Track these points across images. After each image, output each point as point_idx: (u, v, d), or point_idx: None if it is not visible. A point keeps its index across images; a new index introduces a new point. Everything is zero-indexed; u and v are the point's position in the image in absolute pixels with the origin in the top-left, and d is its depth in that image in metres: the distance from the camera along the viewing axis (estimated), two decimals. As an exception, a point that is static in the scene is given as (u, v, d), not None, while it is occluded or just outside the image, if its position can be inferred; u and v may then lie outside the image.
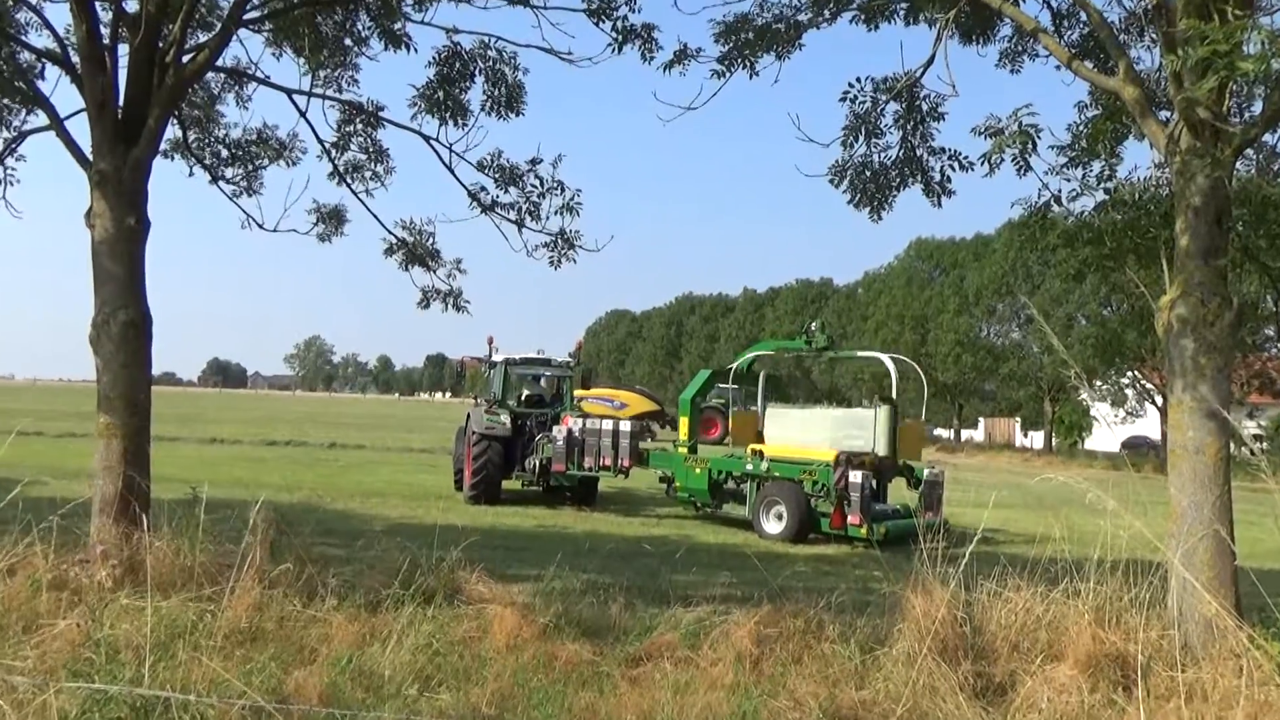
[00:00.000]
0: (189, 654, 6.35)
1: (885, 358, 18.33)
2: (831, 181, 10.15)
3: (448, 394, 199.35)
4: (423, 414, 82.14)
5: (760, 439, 17.53)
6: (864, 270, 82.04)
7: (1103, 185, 10.04)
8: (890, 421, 16.77)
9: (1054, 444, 58.25)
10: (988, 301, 56.04)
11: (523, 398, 20.89)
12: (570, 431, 18.47)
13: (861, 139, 9.94)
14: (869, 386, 59.56)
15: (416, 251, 11.50)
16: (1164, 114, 8.62)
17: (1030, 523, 17.32)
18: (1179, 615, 6.99)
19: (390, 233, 11.40)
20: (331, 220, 12.01)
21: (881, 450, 16.63)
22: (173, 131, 11.42)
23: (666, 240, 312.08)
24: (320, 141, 11.29)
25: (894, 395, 17.28)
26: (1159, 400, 49.20)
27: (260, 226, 11.39)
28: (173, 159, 11.77)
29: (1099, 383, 51.67)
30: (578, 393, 19.71)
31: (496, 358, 20.57)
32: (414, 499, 18.56)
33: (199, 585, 7.60)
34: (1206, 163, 7.21)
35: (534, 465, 19.09)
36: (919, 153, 10.04)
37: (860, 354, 25.33)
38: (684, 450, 18.12)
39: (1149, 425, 54.78)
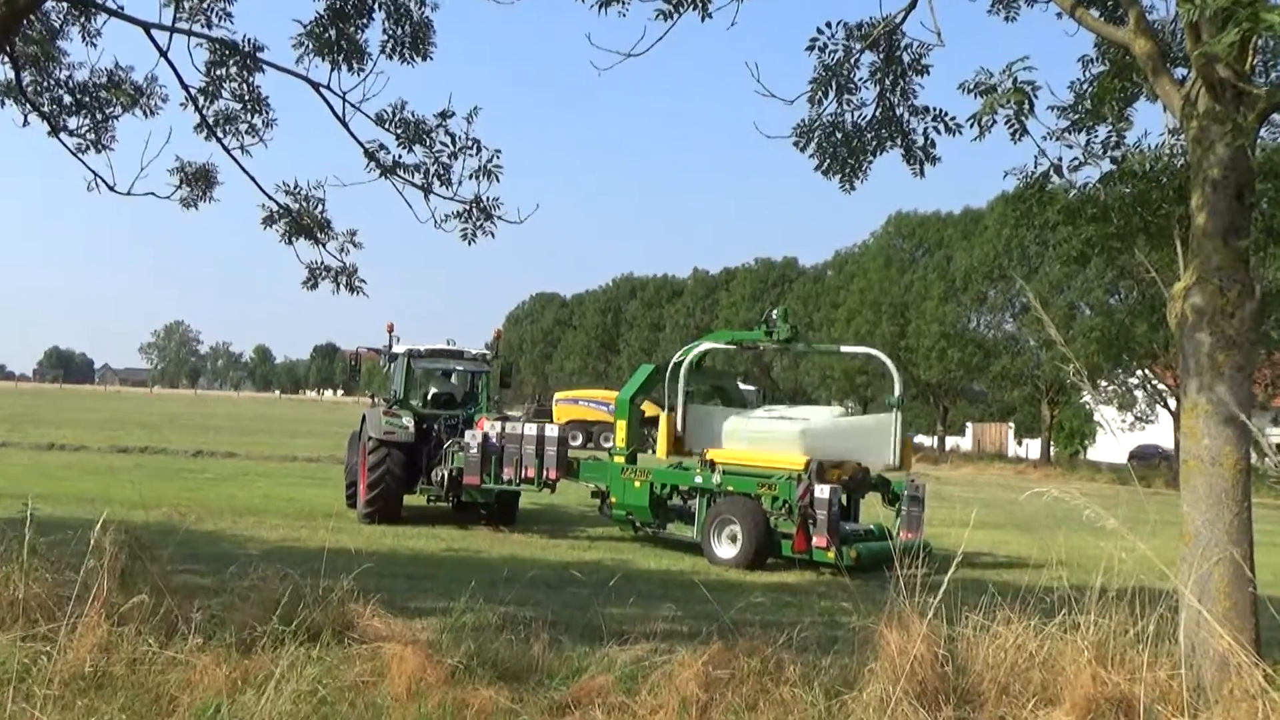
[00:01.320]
0: (18, 706, 6.24)
1: (880, 356, 18.60)
2: (796, 144, 10.20)
3: (339, 392, 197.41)
4: (309, 416, 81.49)
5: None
6: (834, 249, 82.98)
7: (1109, 153, 10.22)
8: (902, 430, 17.08)
9: (1052, 454, 59.36)
10: (977, 287, 56.80)
11: (429, 397, 20.86)
12: (486, 437, 18.45)
13: (832, 95, 10.00)
14: (840, 386, 60.20)
15: (302, 221, 11.42)
16: (1180, 72, 8.82)
17: (1023, 545, 17.84)
18: (1190, 652, 7.10)
19: (270, 198, 11.36)
20: (199, 182, 11.91)
21: (893, 463, 16.94)
22: (3, 72, 11.32)
23: (603, 212, 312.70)
24: (185, 87, 11.18)
25: (899, 399, 17.51)
26: (1172, 404, 50.40)
27: (111, 189, 11.31)
28: (3, 104, 11.57)
29: (1104, 383, 52.62)
30: (561, 395, 19.76)
31: (398, 349, 20.51)
32: (297, 518, 18.51)
33: (31, 622, 7.48)
34: (1227, 129, 7.35)
35: (442, 477, 19.07)
36: (899, 112, 10.14)
37: (832, 348, 25.52)
38: (621, 460, 18.15)
39: (1161, 432, 55.92)
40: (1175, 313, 7.61)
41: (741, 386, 21.07)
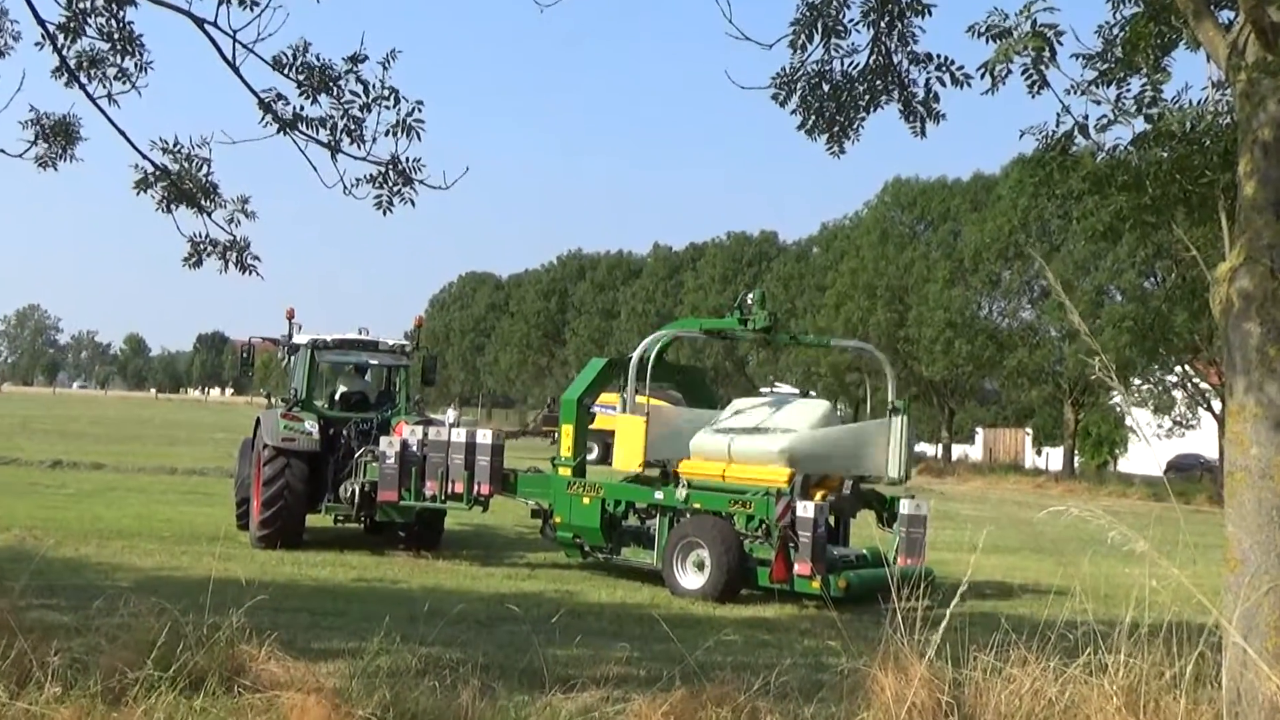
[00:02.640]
0: None
1: (873, 351, 18.71)
2: (776, 98, 10.23)
3: (228, 391, 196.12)
4: (192, 419, 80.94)
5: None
6: (820, 223, 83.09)
7: (1143, 111, 10.32)
8: (908, 437, 17.23)
9: (1077, 465, 59.77)
10: (989, 268, 56.79)
11: (337, 396, 20.86)
12: (405, 445, 18.38)
13: (818, 39, 10.04)
14: (828, 384, 60.38)
15: (183, 185, 11.28)
16: (1225, 15, 8.92)
17: (1042, 572, 18.05)
18: (1235, 698, 7.12)
19: (145, 157, 11.17)
20: (57, 138, 11.77)
21: (895, 475, 17.13)
22: None
23: (546, 178, 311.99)
24: (41, 23, 10.99)
25: (905, 403, 17.59)
26: (1217, 406, 50.94)
27: (-52, 145, 11.20)
28: None
29: (1137, 381, 53.12)
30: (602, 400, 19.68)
31: (299, 339, 20.45)
32: (177, 542, 18.45)
33: None
34: (1280, 83, 7.49)
35: (352, 493, 19.01)
36: (896, 60, 10.19)
37: (819, 340, 25.45)
38: (566, 472, 18.16)
39: (1203, 440, 56.74)
40: (1220, 298, 7.65)
41: (783, 389, 21.05)
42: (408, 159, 10.90)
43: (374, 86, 10.79)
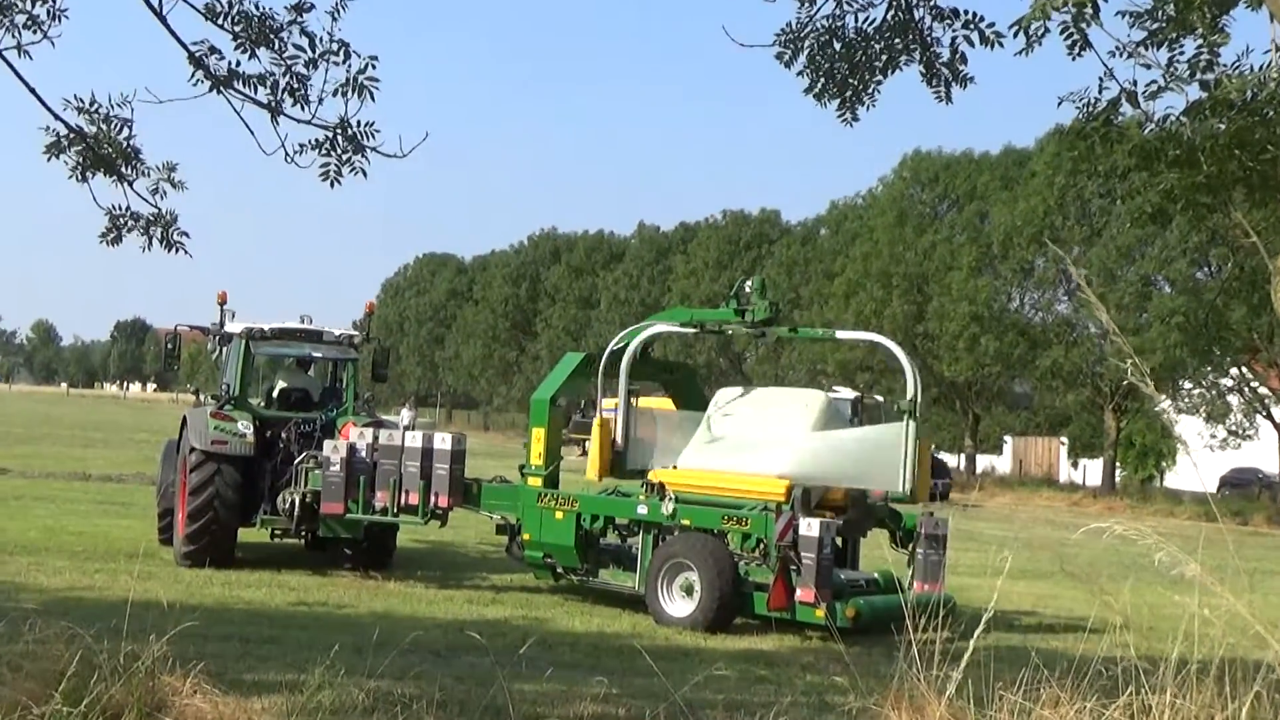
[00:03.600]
0: None
1: (887, 344, 18.57)
2: (780, 57, 10.24)
3: (150, 386, 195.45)
4: (108, 418, 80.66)
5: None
6: (829, 201, 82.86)
7: (1198, 77, 10.35)
8: (921, 446, 17.09)
9: (1118, 479, 59.92)
10: (1021, 254, 56.63)
11: (275, 394, 20.83)
12: (353, 450, 18.32)
13: (829, -10, 10.08)
14: (836, 384, 60.35)
15: (101, 150, 11.22)
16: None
17: (1077, 601, 18.07)
18: (1297, 744, 7.26)
19: (57, 118, 11.10)
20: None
21: (907, 488, 16.85)
22: None
23: (516, 147, 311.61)
24: (-62, -38, 11.15)
25: (917, 405, 17.42)
26: (1278, 414, 51.03)
27: None
28: None
29: (1187, 385, 53.21)
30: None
31: (232, 327, 20.33)
32: (91, 558, 18.42)
33: None
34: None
35: (292, 503, 18.95)
36: (918, 15, 10.20)
37: (826, 334, 25.35)
38: (537, 482, 18.12)
39: (1262, 452, 56.50)
40: (1282, 291, 7.73)
41: (836, 393, 20.91)
42: (359, 123, 10.71)
43: (321, 40, 10.68)
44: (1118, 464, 59.61)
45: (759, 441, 17.41)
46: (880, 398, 47.55)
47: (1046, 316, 58.74)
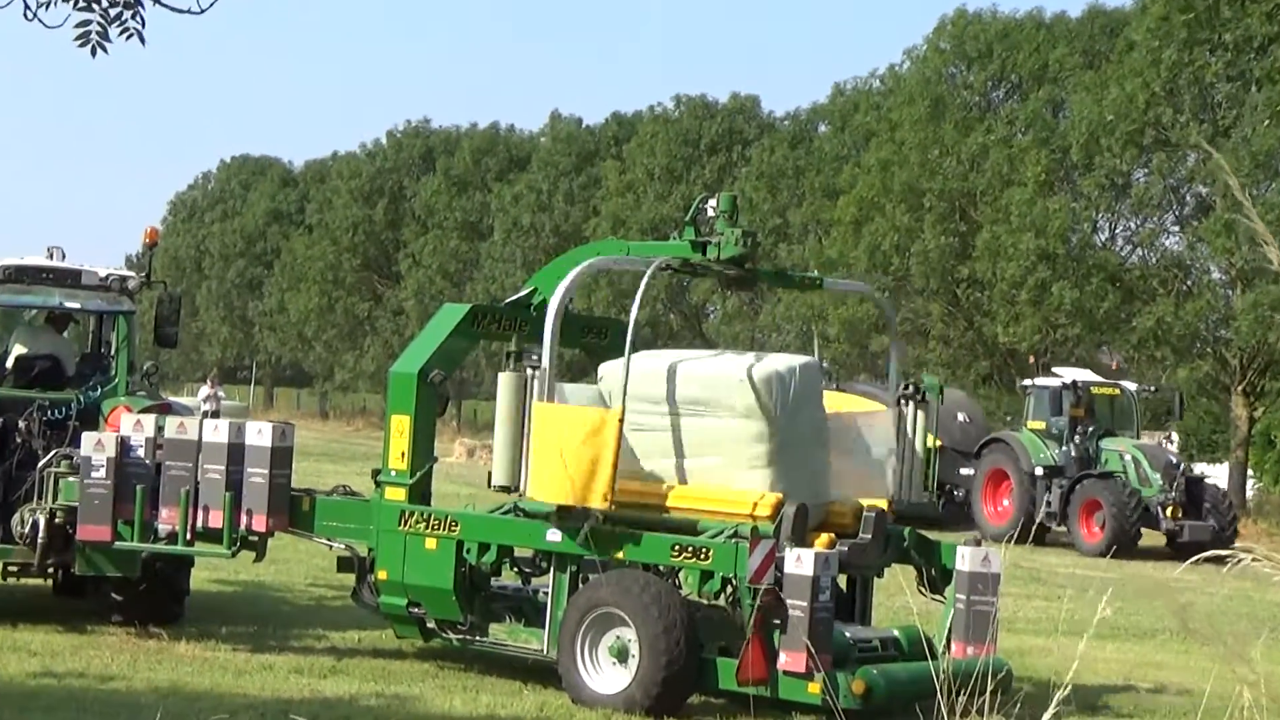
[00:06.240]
0: None
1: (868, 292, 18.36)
2: None
3: None
4: None
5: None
6: (832, 84, 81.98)
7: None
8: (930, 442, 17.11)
9: (1250, 491, 59.42)
10: (1111, 163, 54.64)
11: (9, 363, 20.68)
12: (127, 447, 18.10)
13: None
14: (839, 353, 60.16)
15: None
16: None
17: (1190, 670, 18.04)
18: None
19: None
20: None
21: (913, 495, 17.31)
22: None
23: (371, 12, 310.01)
24: None
25: (935, 382, 17.34)
26: None
27: None
28: None
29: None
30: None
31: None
32: None
33: None
34: None
35: (33, 525, 18.68)
36: None
37: (817, 279, 25.21)
38: (398, 495, 17.84)
39: None
40: None
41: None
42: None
43: None
44: (1250, 471, 59.23)
45: (720, 433, 17.18)
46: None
47: (1149, 255, 57.61)
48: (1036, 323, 54.36)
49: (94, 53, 10.71)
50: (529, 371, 17.46)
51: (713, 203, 18.16)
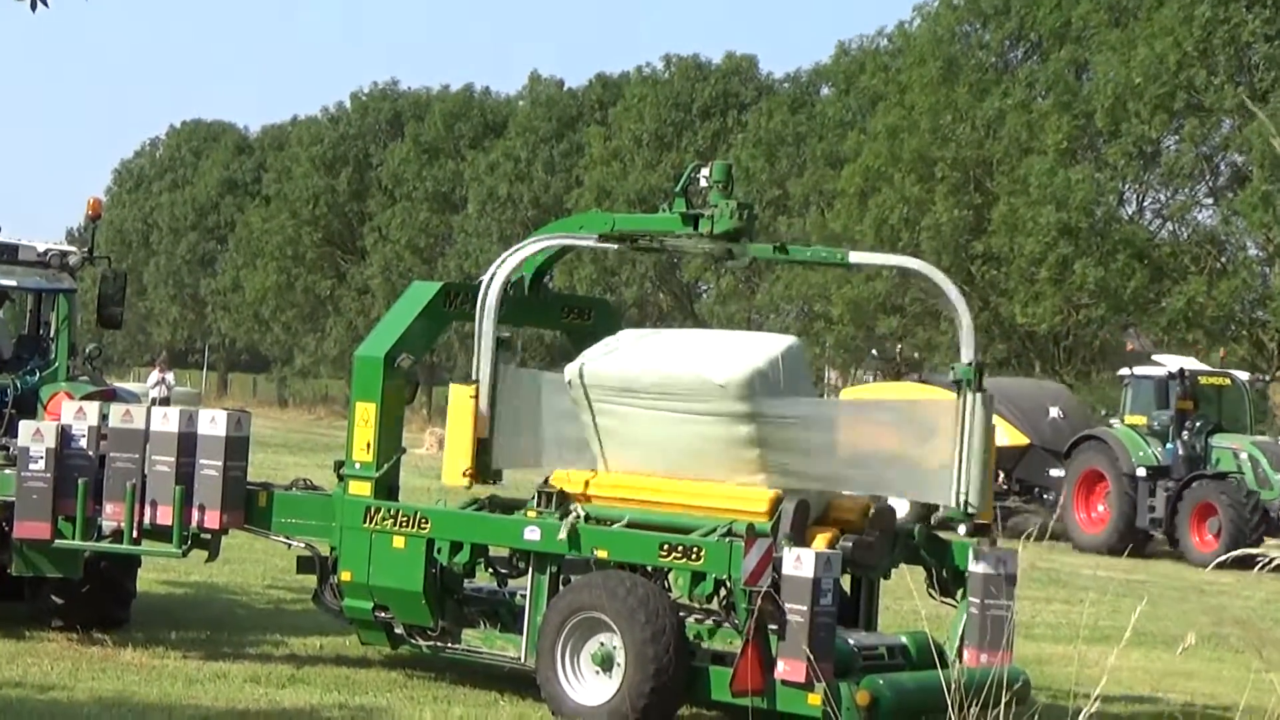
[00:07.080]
0: None
1: (928, 272, 18.61)
2: None
3: None
4: None
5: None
6: (835, 43, 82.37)
7: None
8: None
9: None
10: (1139, 129, 55.54)
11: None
12: (68, 437, 18.44)
13: None
14: (843, 336, 60.49)
15: None
16: None
17: (1222, 680, 18.26)
18: None
19: None
20: None
21: (975, 501, 16.93)
22: None
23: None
24: None
25: (970, 367, 17.08)
26: None
27: None
28: None
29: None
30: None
31: None
32: None
33: None
34: None
35: (-34, 522, 17.86)
36: None
37: (831, 254, 25.45)
38: (363, 490, 18.10)
39: None
40: None
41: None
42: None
43: None
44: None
45: (705, 424, 17.40)
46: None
47: (1179, 230, 58.30)
48: (1057, 303, 55.14)
49: (34, 6, 10.93)
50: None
51: (705, 172, 18.29)
